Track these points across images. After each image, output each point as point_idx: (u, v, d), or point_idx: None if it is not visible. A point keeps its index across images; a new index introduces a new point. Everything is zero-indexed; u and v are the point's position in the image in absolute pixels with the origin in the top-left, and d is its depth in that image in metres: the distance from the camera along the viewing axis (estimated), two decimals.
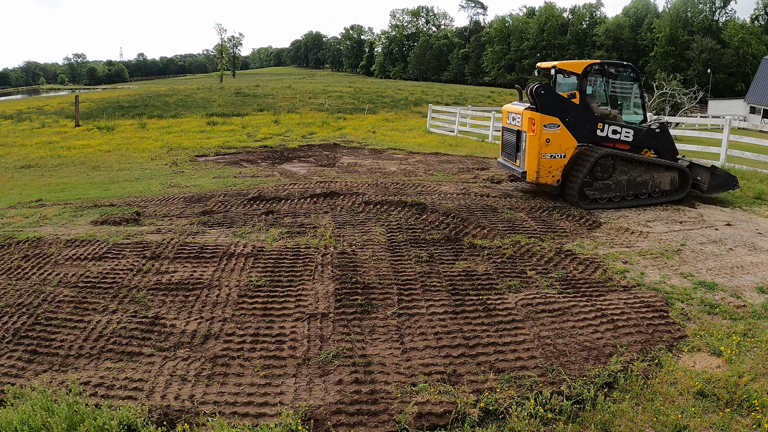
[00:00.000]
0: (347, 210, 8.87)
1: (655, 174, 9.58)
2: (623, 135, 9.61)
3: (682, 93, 24.18)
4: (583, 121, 9.48)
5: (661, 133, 9.84)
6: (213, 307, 5.20)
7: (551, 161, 9.44)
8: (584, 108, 9.51)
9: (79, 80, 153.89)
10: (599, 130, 9.53)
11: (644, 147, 9.90)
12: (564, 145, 9.43)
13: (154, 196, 10.67)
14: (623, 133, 9.61)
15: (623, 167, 9.47)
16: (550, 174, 9.51)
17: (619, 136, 9.61)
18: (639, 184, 9.52)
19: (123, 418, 3.43)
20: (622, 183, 9.42)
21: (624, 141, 9.68)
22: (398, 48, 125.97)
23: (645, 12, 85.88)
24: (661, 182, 9.59)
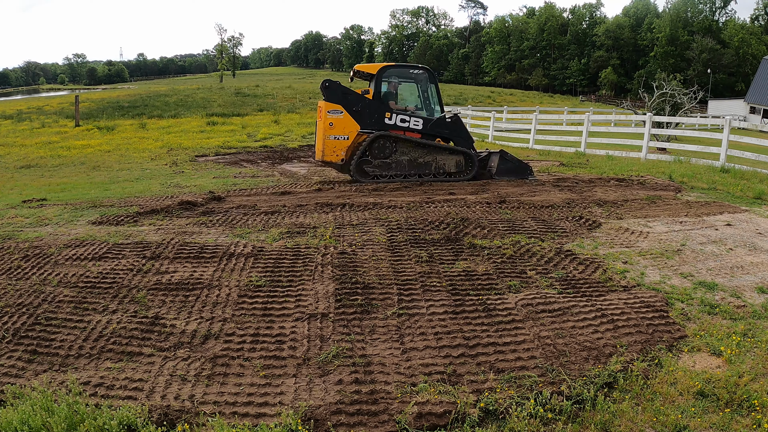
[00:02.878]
0: None
1: (438, 156, 11.20)
2: (412, 123, 11.21)
3: (682, 93, 24.15)
4: (371, 111, 11.10)
5: (452, 123, 11.43)
6: (213, 307, 5.21)
7: (335, 142, 11.11)
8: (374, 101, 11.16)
9: (79, 80, 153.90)
10: (387, 119, 11.15)
11: (437, 135, 11.37)
12: (347, 129, 11.07)
13: None
14: (412, 121, 11.20)
15: (404, 149, 11.15)
16: (335, 153, 11.19)
17: (408, 125, 11.20)
18: (422, 164, 11.17)
19: (123, 418, 3.43)
20: (402, 162, 11.10)
21: (413, 129, 11.24)
22: (398, 48, 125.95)
23: (645, 12, 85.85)
24: (445, 164, 11.21)
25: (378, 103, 11.15)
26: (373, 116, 11.08)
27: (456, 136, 11.46)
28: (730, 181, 11.93)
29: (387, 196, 10.19)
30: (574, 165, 14.74)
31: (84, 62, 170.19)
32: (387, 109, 11.18)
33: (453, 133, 11.43)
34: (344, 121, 11.01)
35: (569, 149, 18.29)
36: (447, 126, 11.33)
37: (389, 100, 11.41)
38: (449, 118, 11.41)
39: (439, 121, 11.25)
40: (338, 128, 10.99)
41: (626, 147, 17.23)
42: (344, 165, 11.29)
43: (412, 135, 11.22)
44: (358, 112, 11.05)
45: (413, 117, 11.20)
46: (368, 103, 11.10)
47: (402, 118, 11.16)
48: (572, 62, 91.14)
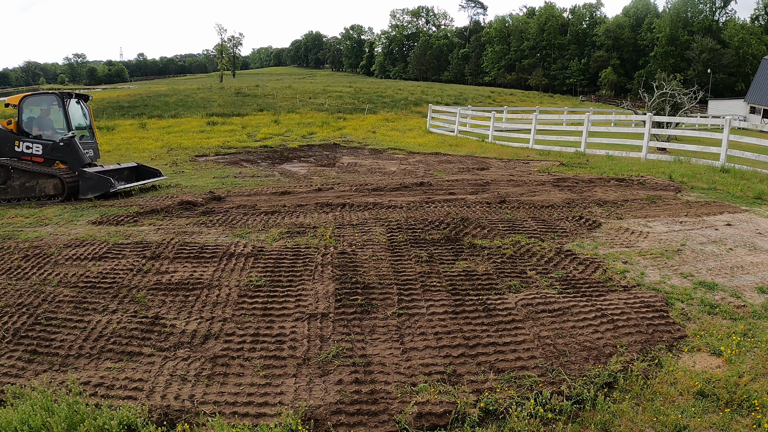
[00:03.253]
0: None
1: (40, 180, 11.47)
2: (34, 150, 11.70)
3: (682, 93, 24.15)
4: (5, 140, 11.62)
5: (65, 146, 11.66)
6: (213, 307, 5.20)
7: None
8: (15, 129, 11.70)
9: (79, 80, 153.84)
10: (16, 146, 11.62)
11: (55, 159, 11.69)
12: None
13: None
14: (34, 148, 11.70)
15: (17, 175, 11.45)
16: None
17: (31, 151, 11.69)
18: (29, 188, 11.49)
19: (123, 418, 3.43)
20: (15, 187, 11.45)
21: (36, 154, 11.68)
22: (398, 48, 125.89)
23: (645, 12, 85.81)
24: (45, 187, 11.45)
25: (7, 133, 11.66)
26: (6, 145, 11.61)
27: (69, 158, 11.70)
28: (730, 181, 11.93)
29: (387, 196, 10.19)
30: (574, 165, 14.74)
31: (84, 62, 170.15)
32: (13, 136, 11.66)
33: (66, 156, 11.69)
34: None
35: (569, 149, 18.29)
36: (61, 149, 11.66)
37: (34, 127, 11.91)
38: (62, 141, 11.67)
39: (54, 145, 11.67)
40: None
41: (626, 147, 17.23)
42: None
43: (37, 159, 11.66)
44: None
45: (35, 143, 11.69)
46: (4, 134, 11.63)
47: (27, 145, 11.69)
48: (572, 62, 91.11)
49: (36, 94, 12.40)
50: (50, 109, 12.16)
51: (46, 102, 12.17)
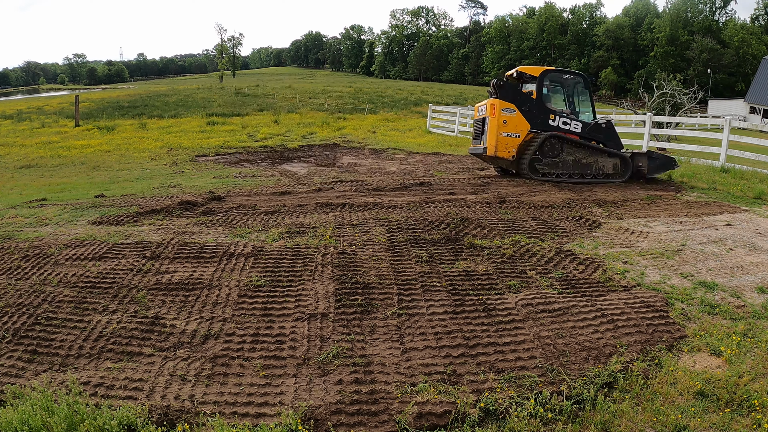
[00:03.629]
0: None
1: (599, 158, 11.61)
2: (572, 126, 11.71)
3: (682, 93, 24.15)
4: (537, 111, 11.61)
5: (606, 127, 11.90)
6: (213, 307, 5.21)
7: (507, 139, 11.56)
8: (539, 101, 11.69)
9: (79, 80, 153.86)
10: (551, 120, 11.63)
11: (592, 139, 11.82)
12: (519, 127, 11.54)
13: None
14: (572, 124, 11.71)
15: (570, 149, 11.52)
16: (507, 150, 11.62)
17: (569, 127, 11.70)
18: (584, 165, 11.56)
19: (123, 418, 3.43)
20: (568, 162, 11.49)
21: (573, 132, 11.73)
22: (398, 48, 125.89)
23: (645, 12, 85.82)
24: (604, 166, 11.63)
25: (540, 104, 11.65)
26: (539, 117, 11.56)
27: (609, 140, 11.86)
28: (730, 181, 11.93)
29: (387, 196, 10.19)
30: None
31: (84, 62, 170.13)
32: (550, 111, 11.67)
33: (607, 137, 11.86)
34: (516, 120, 11.47)
35: None
36: (602, 130, 11.79)
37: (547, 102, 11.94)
38: (603, 123, 11.87)
39: (596, 125, 11.75)
40: (511, 126, 11.45)
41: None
42: (513, 161, 11.71)
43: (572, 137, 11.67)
44: (527, 112, 11.53)
45: (573, 120, 11.69)
46: (534, 104, 11.59)
47: (564, 120, 11.65)
48: (572, 62, 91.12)
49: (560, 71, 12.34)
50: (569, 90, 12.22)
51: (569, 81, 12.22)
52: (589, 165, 11.55)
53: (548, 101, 11.99)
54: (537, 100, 11.65)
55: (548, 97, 12.05)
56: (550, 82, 12.13)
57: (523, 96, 11.64)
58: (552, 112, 11.66)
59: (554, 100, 12.18)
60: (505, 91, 11.57)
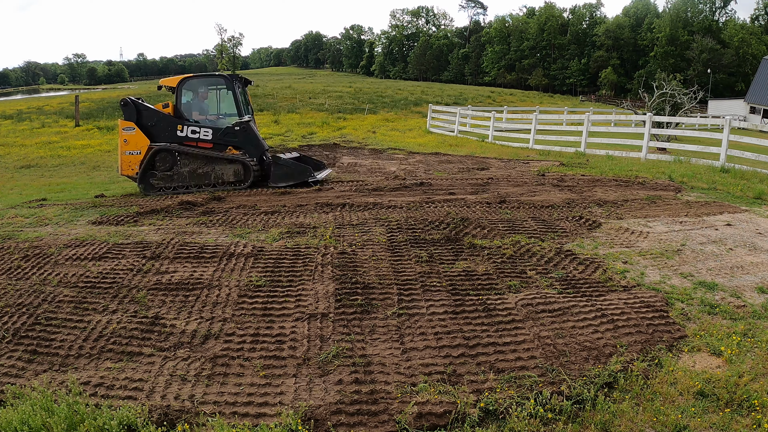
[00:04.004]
0: None
1: (218, 166, 11.23)
2: (202, 134, 11.36)
3: (682, 93, 24.15)
4: (165, 124, 11.30)
5: (241, 131, 11.41)
6: (213, 307, 5.20)
7: (131, 157, 11.42)
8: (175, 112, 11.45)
9: (79, 80, 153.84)
10: (179, 131, 11.31)
11: (228, 144, 11.44)
12: (139, 144, 11.31)
13: None
14: (202, 132, 11.34)
15: (185, 160, 11.19)
16: (131, 168, 11.43)
17: (198, 135, 11.34)
18: (201, 175, 11.23)
19: (123, 418, 3.43)
20: (183, 174, 11.20)
21: (204, 139, 11.37)
22: (398, 48, 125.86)
23: (645, 12, 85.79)
24: (224, 174, 11.26)
25: (167, 116, 11.38)
26: (166, 129, 11.31)
27: (246, 144, 11.47)
28: (730, 181, 11.93)
29: (387, 196, 10.19)
30: (574, 165, 14.73)
31: (84, 62, 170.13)
32: (176, 121, 11.36)
33: (243, 141, 11.44)
34: (137, 137, 11.32)
35: (569, 149, 18.28)
36: (236, 134, 11.39)
37: (194, 111, 11.66)
38: (237, 126, 11.40)
39: (228, 129, 11.36)
40: (132, 144, 11.33)
41: (626, 147, 17.22)
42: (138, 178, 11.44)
43: (204, 145, 11.40)
44: (152, 127, 11.32)
45: (203, 128, 11.34)
46: (163, 118, 11.34)
47: (192, 129, 11.33)
48: (572, 62, 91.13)
49: (197, 76, 12.03)
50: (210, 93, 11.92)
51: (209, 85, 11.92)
52: (207, 174, 11.24)
53: (191, 109, 11.71)
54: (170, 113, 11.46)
55: (190, 105, 11.75)
56: (189, 89, 11.80)
57: (149, 112, 11.38)
58: (181, 123, 11.37)
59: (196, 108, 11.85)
60: (127, 110, 11.41)
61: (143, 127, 11.27)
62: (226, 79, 11.69)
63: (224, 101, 11.90)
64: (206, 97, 11.92)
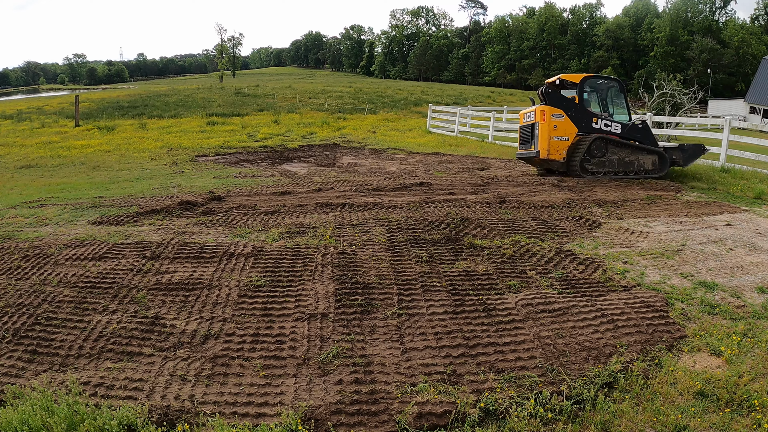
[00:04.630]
0: None
1: (640, 156, 12.54)
2: (613, 128, 12.66)
3: (682, 93, 24.16)
4: (582, 115, 12.56)
5: (642, 127, 12.84)
6: (213, 307, 5.20)
7: (558, 143, 12.48)
8: (581, 106, 12.68)
9: (79, 80, 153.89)
10: (594, 123, 12.58)
11: (630, 138, 12.68)
12: (567, 131, 12.48)
13: None
14: (612, 126, 12.66)
15: (614, 149, 12.48)
16: (558, 152, 12.50)
17: (609, 129, 12.65)
18: (627, 163, 12.51)
19: (123, 418, 3.43)
20: (613, 161, 12.47)
21: (614, 132, 12.65)
22: (398, 48, 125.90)
23: (645, 12, 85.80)
24: (644, 163, 12.56)
25: (583, 109, 12.61)
26: (583, 120, 12.51)
27: (645, 139, 12.66)
28: (730, 181, 11.93)
29: (387, 196, 10.19)
30: None
31: (84, 62, 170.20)
32: (592, 114, 12.58)
33: (643, 136, 12.66)
34: (565, 124, 12.43)
35: None
36: (639, 130, 12.68)
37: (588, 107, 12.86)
38: (639, 123, 12.76)
39: (633, 125, 12.72)
40: (561, 130, 12.39)
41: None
42: (564, 162, 12.56)
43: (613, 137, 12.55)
44: (574, 117, 12.47)
45: (613, 122, 12.60)
46: (578, 109, 12.53)
47: (605, 123, 12.59)
48: (572, 62, 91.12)
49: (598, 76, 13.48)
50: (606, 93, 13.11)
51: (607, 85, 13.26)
52: (631, 162, 12.43)
53: (588, 105, 12.87)
54: (580, 105, 12.54)
55: (588, 102, 12.95)
56: (590, 87, 13.05)
57: (568, 102, 12.53)
58: (594, 116, 12.51)
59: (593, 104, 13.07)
60: (553, 98, 12.49)
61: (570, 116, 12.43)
62: (619, 83, 13.28)
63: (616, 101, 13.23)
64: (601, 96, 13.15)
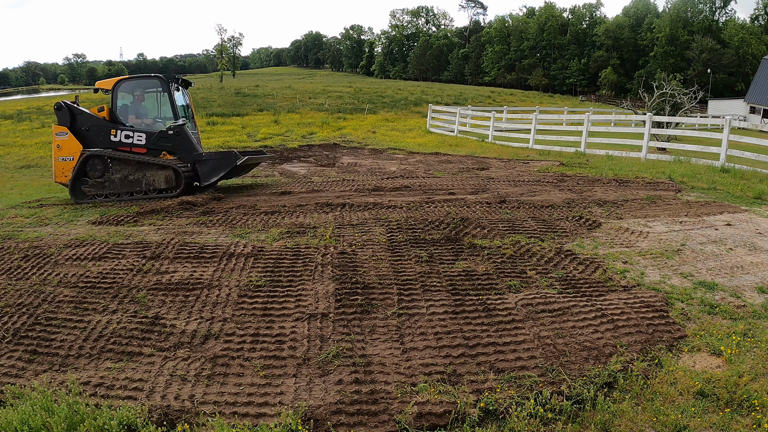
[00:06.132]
0: None
1: (149, 172, 10.61)
2: (136, 139, 10.75)
3: (682, 93, 24.16)
4: (99, 129, 10.73)
5: (175, 135, 10.75)
6: (213, 307, 5.20)
7: (63, 164, 10.80)
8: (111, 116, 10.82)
9: (79, 80, 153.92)
10: (113, 136, 10.72)
11: (162, 149, 10.82)
12: (72, 149, 10.71)
13: None
14: (135, 137, 10.74)
15: (117, 167, 10.59)
16: (64, 174, 10.78)
17: (132, 140, 10.75)
18: (133, 182, 10.64)
19: (123, 418, 3.43)
20: (115, 181, 10.60)
21: (138, 144, 10.77)
22: (398, 48, 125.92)
23: (645, 12, 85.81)
24: (155, 180, 10.63)
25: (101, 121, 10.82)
26: (99, 134, 10.76)
27: (179, 149, 10.87)
28: (730, 181, 11.93)
29: (387, 196, 10.19)
30: (574, 165, 14.73)
31: (84, 62, 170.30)
32: (109, 125, 10.78)
33: (176, 145, 10.84)
34: (69, 143, 10.76)
35: (569, 149, 18.28)
36: (170, 139, 10.77)
37: (130, 115, 11.08)
38: (171, 130, 10.78)
39: (162, 134, 10.76)
40: (65, 150, 10.75)
41: (626, 147, 17.22)
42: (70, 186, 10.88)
43: (139, 150, 10.80)
44: (87, 131, 10.76)
45: (136, 132, 10.76)
46: (96, 122, 10.80)
47: (126, 134, 10.76)
48: (572, 62, 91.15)
49: (133, 78, 11.33)
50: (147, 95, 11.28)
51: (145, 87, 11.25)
52: (138, 181, 10.61)
53: (128, 113, 11.05)
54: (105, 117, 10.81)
55: (127, 109, 11.09)
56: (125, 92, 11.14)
57: (83, 116, 10.77)
58: (115, 127, 10.71)
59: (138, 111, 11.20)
60: (61, 114, 10.75)
61: (77, 132, 10.74)
62: (162, 81, 11.06)
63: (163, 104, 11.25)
64: (143, 99, 11.32)
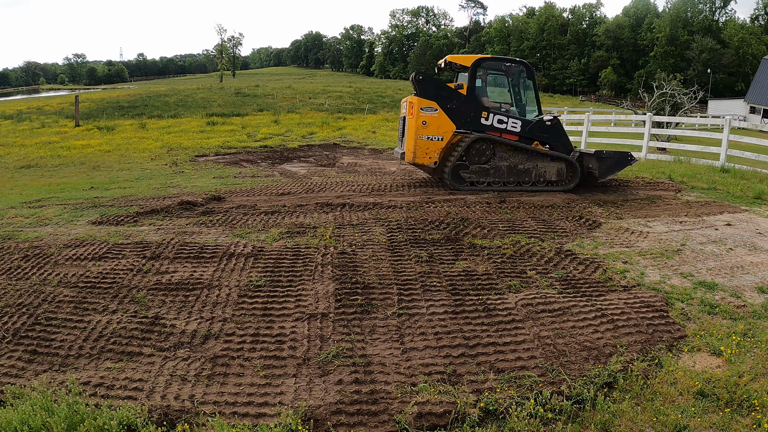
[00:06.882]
0: None
1: (540, 163, 10.07)
2: (510, 125, 10.06)
3: (682, 93, 24.17)
4: (466, 109, 9.94)
5: (552, 126, 10.21)
6: (213, 307, 5.20)
7: (428, 143, 9.95)
8: (470, 97, 10.01)
9: (79, 80, 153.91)
10: (483, 118, 10.00)
11: (534, 139, 10.23)
12: (441, 128, 9.93)
13: None
14: (509, 123, 10.04)
15: (503, 153, 9.96)
16: (427, 155, 10.03)
17: (505, 126, 10.05)
18: (521, 171, 10.04)
19: (123, 418, 3.43)
20: (501, 168, 9.98)
21: (511, 131, 10.11)
22: (398, 48, 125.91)
23: (645, 12, 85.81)
24: (546, 172, 10.11)
25: (471, 100, 10.03)
26: (468, 115, 9.94)
27: (555, 140, 10.27)
28: (730, 181, 11.93)
29: (387, 196, 10.18)
30: None
31: (84, 62, 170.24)
32: (483, 107, 10.06)
33: (552, 137, 10.24)
34: (439, 120, 9.87)
35: None
36: (546, 129, 10.14)
37: (482, 97, 10.30)
38: (549, 120, 10.23)
39: (539, 123, 10.10)
40: (432, 128, 9.87)
41: (626, 147, 17.23)
42: (436, 168, 10.26)
43: (509, 138, 10.08)
44: (454, 110, 9.93)
45: (511, 118, 10.03)
46: (463, 101, 10.00)
47: (499, 118, 10.01)
48: (572, 62, 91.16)
49: (496, 58, 10.54)
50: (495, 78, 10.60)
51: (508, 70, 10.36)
52: (528, 171, 10.06)
53: (483, 96, 10.32)
54: (468, 96, 10.01)
55: (483, 91, 10.33)
56: (486, 72, 10.39)
57: (448, 91, 9.99)
58: (485, 109, 10.01)
59: (492, 94, 10.55)
60: (425, 87, 9.91)
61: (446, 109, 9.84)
62: (527, 67, 10.27)
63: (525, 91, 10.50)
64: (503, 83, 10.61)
